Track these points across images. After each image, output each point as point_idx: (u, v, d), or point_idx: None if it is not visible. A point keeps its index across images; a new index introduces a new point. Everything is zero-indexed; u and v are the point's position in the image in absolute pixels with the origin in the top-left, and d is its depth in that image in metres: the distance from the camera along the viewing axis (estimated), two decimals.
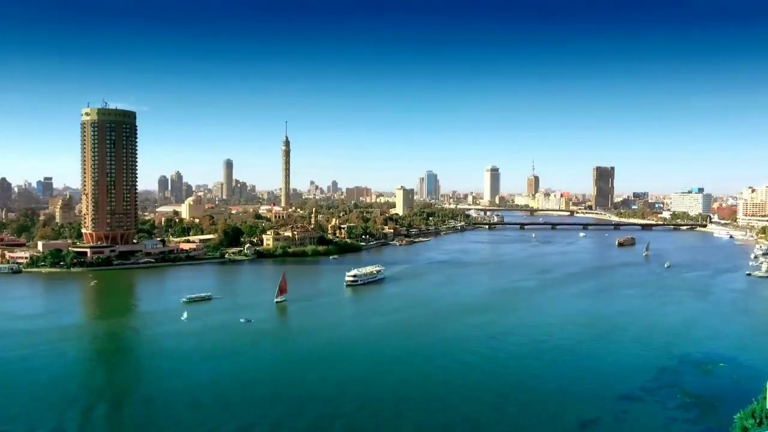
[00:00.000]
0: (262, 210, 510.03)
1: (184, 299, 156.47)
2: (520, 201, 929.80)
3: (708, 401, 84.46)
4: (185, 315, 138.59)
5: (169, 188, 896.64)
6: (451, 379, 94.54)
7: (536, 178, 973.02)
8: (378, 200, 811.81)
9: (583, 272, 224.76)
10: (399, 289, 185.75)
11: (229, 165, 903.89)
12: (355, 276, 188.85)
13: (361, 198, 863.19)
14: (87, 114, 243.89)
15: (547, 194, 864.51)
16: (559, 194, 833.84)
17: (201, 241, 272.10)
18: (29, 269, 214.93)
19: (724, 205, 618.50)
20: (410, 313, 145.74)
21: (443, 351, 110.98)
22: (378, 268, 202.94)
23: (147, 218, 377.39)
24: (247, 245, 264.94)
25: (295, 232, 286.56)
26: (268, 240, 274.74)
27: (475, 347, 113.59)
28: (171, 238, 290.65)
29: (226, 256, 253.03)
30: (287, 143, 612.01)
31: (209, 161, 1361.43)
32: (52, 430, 74.79)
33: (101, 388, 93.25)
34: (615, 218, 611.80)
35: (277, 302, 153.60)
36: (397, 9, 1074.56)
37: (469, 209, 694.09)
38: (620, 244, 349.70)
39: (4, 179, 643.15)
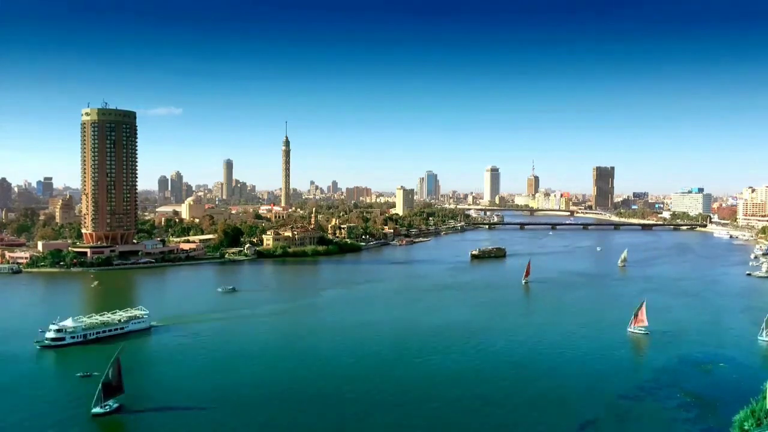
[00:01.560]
0: (262, 210, 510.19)
1: None
2: (520, 201, 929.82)
3: (708, 401, 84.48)
4: None
5: (169, 188, 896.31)
6: (449, 378, 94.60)
7: (536, 178, 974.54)
8: (378, 200, 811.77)
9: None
10: None
11: (229, 165, 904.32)
12: (61, 331, 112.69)
13: (361, 198, 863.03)
14: (87, 114, 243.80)
15: (547, 194, 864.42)
16: (559, 194, 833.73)
17: (201, 241, 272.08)
18: (29, 269, 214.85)
19: (724, 205, 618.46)
20: None
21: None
22: (135, 314, 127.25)
23: (147, 218, 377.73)
24: (247, 245, 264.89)
25: (295, 232, 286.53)
26: (268, 240, 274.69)
27: (472, 348, 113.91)
28: (171, 238, 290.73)
29: (226, 256, 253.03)
30: (287, 143, 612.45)
31: (209, 161, 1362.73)
32: None
33: None
34: (615, 218, 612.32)
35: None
36: (398, 9, 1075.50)
37: (469, 209, 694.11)
38: (476, 257, 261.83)
39: (4, 179, 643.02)
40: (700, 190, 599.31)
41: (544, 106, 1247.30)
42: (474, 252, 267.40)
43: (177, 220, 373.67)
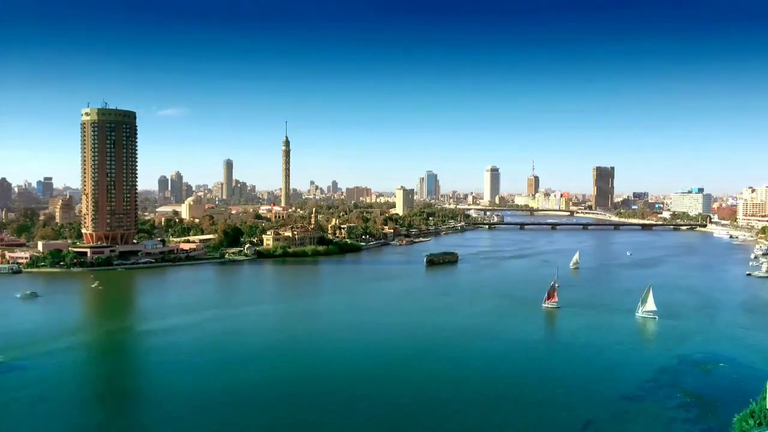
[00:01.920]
0: (262, 210, 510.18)
1: None
2: (520, 201, 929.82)
3: (708, 401, 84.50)
4: None
5: (169, 188, 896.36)
6: (448, 378, 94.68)
7: (536, 178, 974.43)
8: (378, 200, 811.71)
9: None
10: None
11: (229, 165, 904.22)
12: None
13: (361, 198, 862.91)
14: (87, 114, 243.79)
15: (547, 194, 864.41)
16: (559, 194, 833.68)
17: (201, 241, 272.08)
18: (29, 269, 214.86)
19: (724, 205, 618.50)
20: None
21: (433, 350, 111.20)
22: None
23: (147, 218, 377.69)
24: (247, 245, 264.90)
25: (295, 232, 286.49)
26: (268, 240, 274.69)
27: (470, 345, 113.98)
28: (171, 238, 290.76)
29: (226, 256, 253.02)
30: (287, 143, 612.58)
31: (209, 161, 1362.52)
32: None
33: None
34: (615, 218, 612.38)
35: None
36: (397, 9, 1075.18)
37: (469, 209, 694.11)
38: (432, 263, 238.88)
39: (4, 179, 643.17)
40: (700, 190, 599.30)
41: (544, 106, 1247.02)
42: (431, 257, 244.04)
43: (177, 220, 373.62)
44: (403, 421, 77.92)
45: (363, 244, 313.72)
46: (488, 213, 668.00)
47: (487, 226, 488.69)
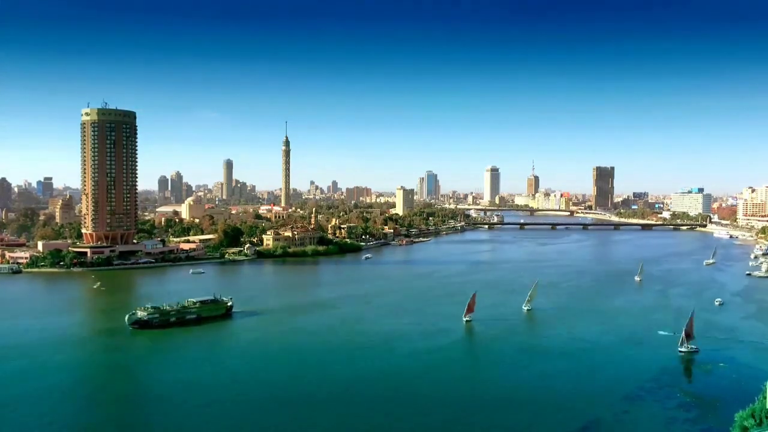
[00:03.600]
0: (262, 210, 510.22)
1: None
2: (520, 201, 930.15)
3: (708, 401, 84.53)
4: None
5: (169, 188, 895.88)
6: (451, 378, 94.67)
7: (536, 178, 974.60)
8: (378, 200, 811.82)
9: None
10: None
11: (229, 165, 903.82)
12: None
13: (361, 198, 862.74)
14: (87, 114, 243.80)
15: (547, 194, 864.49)
16: (559, 194, 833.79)
17: (201, 241, 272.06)
18: (29, 269, 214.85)
19: (724, 205, 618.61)
20: None
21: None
22: None
23: (147, 218, 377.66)
24: (247, 245, 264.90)
25: (295, 232, 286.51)
26: (268, 240, 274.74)
27: (474, 345, 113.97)
28: (171, 238, 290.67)
29: (226, 256, 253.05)
30: (287, 143, 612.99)
31: (209, 161, 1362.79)
32: None
33: None
34: (615, 218, 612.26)
35: None
36: (397, 9, 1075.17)
37: (469, 209, 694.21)
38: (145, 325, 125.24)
39: (4, 179, 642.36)
40: (700, 190, 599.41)
41: (544, 106, 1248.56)
42: (140, 314, 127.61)
43: (177, 220, 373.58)
44: (402, 421, 77.87)
45: (363, 244, 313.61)
46: (488, 213, 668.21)
47: (486, 226, 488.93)
